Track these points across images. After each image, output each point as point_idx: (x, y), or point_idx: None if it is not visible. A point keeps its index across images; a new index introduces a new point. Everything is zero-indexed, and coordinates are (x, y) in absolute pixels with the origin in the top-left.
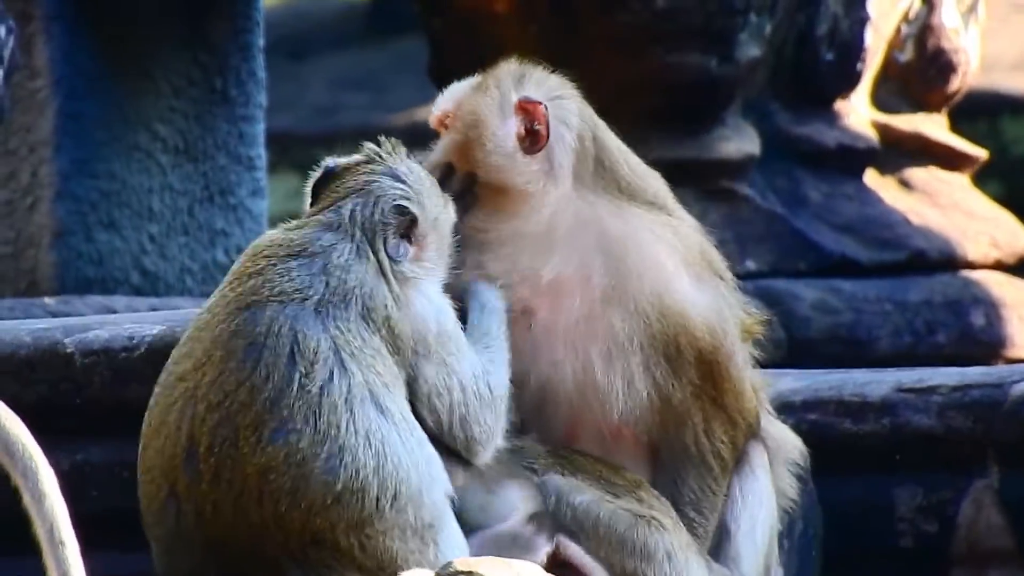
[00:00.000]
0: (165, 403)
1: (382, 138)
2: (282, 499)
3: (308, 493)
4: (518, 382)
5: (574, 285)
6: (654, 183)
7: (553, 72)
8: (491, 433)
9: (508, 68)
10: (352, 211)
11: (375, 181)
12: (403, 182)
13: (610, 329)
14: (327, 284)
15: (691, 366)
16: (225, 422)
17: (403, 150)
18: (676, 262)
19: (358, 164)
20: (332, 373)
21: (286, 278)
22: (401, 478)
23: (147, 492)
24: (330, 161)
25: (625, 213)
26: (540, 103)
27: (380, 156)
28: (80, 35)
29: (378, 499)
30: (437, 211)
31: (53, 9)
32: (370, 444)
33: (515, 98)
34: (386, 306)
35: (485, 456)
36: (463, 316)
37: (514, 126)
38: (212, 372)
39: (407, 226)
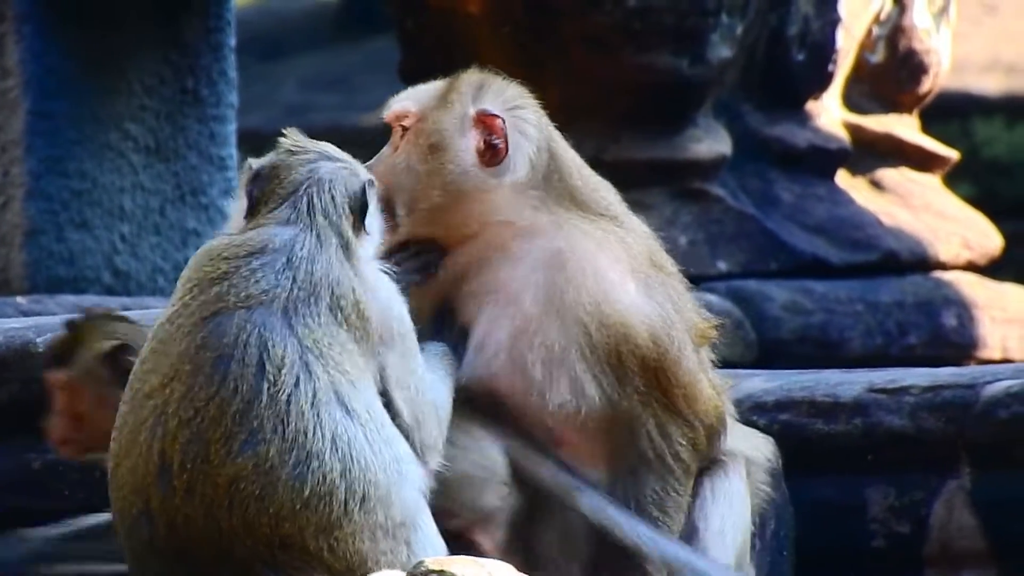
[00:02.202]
0: (135, 422)
1: (285, 130)
2: (251, 505)
3: (276, 499)
4: (462, 394)
5: (512, 297)
6: (605, 194)
7: (512, 81)
8: (434, 442)
9: (467, 79)
10: (309, 202)
11: (317, 167)
12: (340, 160)
13: (547, 340)
14: (294, 279)
15: (635, 374)
16: (196, 439)
17: (305, 136)
18: (621, 271)
19: (285, 159)
20: (298, 378)
21: (251, 280)
22: (369, 480)
23: (120, 508)
24: (254, 162)
25: (570, 225)
26: (498, 116)
27: (301, 146)
28: (51, 35)
29: (346, 502)
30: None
31: (24, 9)
32: (336, 448)
33: (473, 111)
34: (353, 290)
35: (430, 463)
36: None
37: (473, 140)
38: (181, 388)
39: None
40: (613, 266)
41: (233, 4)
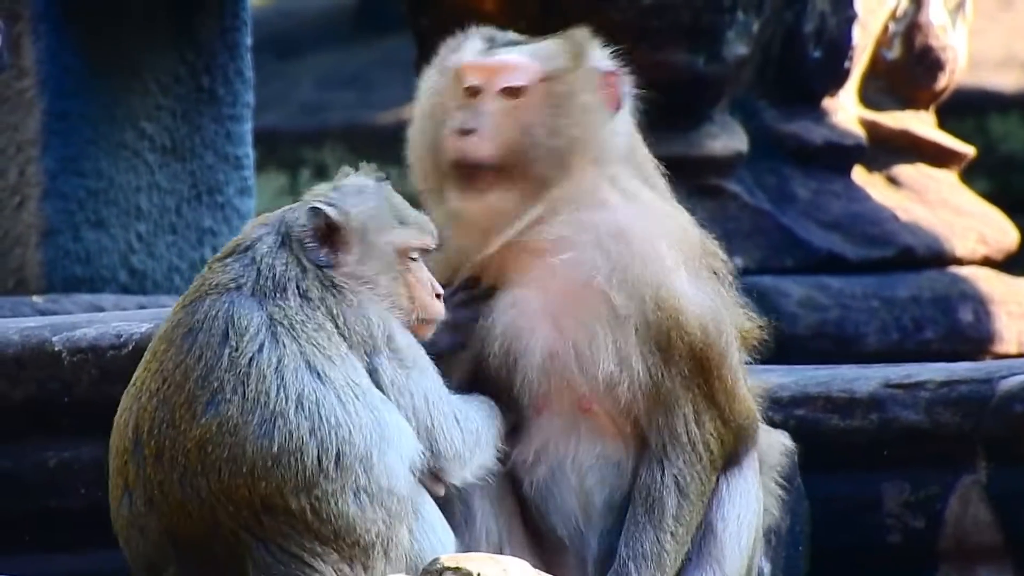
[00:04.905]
0: (120, 409)
1: (364, 165)
2: (223, 468)
3: (247, 459)
4: (497, 348)
5: (575, 259)
6: (660, 175)
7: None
8: (458, 452)
9: (578, 38)
10: (285, 211)
11: (314, 195)
12: (338, 191)
13: (608, 308)
14: (258, 272)
15: (682, 359)
16: (162, 405)
17: (377, 175)
18: (676, 257)
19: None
20: (263, 345)
21: (222, 272)
22: (342, 438)
23: (112, 495)
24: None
25: (638, 201)
26: (618, 73)
27: (348, 175)
28: (67, 34)
29: (319, 459)
30: (373, 225)
31: (40, 8)
32: (302, 407)
33: (600, 67)
34: (323, 299)
35: (452, 477)
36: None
37: (603, 95)
38: (155, 365)
39: (324, 231)
40: (670, 252)
41: (249, 3)
